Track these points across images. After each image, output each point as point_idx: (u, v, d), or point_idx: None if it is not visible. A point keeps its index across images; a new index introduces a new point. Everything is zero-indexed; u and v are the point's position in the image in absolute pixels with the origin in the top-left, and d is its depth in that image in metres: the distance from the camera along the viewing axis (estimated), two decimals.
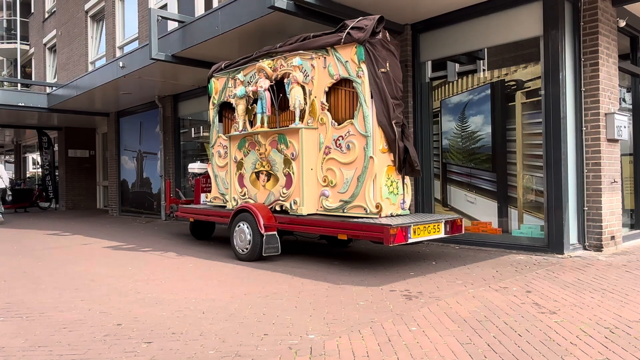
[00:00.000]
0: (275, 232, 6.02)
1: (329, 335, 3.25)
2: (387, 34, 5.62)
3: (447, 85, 7.29)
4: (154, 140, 13.20)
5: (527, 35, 6.27)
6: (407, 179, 5.79)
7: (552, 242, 5.94)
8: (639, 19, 7.00)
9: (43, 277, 5.45)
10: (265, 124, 6.32)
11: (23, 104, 13.50)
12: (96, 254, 7.07)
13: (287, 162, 6.00)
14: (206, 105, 7.80)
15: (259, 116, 6.34)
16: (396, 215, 5.58)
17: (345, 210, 5.57)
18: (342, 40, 5.52)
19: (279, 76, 6.18)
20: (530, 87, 6.36)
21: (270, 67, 6.26)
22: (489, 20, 6.58)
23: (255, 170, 6.48)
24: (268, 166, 6.29)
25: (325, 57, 5.78)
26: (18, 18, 23.34)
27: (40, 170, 19.88)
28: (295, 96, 5.86)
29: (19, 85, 21.61)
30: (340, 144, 5.65)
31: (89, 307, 4.12)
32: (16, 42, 23.28)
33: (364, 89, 5.41)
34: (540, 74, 6.15)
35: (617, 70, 6.44)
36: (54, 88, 14.08)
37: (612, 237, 6.15)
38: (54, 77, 19.13)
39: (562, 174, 5.93)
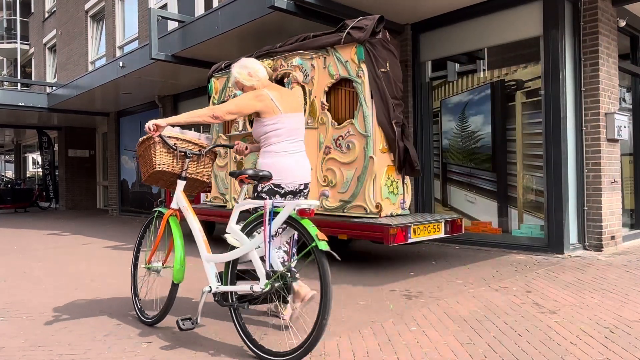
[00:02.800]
0: None
1: (329, 335, 3.25)
2: (387, 34, 5.62)
3: (447, 85, 7.29)
4: None
5: (527, 35, 6.27)
6: (407, 178, 5.79)
7: (552, 242, 5.95)
8: (639, 19, 7.01)
9: (43, 277, 5.45)
10: None
11: (23, 104, 13.50)
12: (96, 254, 7.07)
13: None
14: (206, 105, 7.80)
15: None
16: (396, 215, 5.58)
17: (345, 210, 5.57)
18: (342, 40, 5.52)
19: (279, 76, 6.18)
20: (530, 87, 6.36)
21: (270, 67, 6.26)
22: (489, 20, 6.57)
23: None
24: None
25: (325, 57, 5.78)
26: (18, 18, 23.34)
27: (40, 170, 19.88)
28: None
29: (19, 85, 21.61)
30: (340, 144, 5.65)
31: (89, 307, 4.12)
32: (16, 42, 23.28)
33: (364, 88, 5.41)
34: (540, 73, 6.15)
35: (617, 70, 6.44)
36: (54, 88, 14.08)
37: (612, 237, 6.15)
38: (54, 77, 19.13)
39: (562, 174, 5.93)
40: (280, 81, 6.18)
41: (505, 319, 3.51)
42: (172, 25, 9.88)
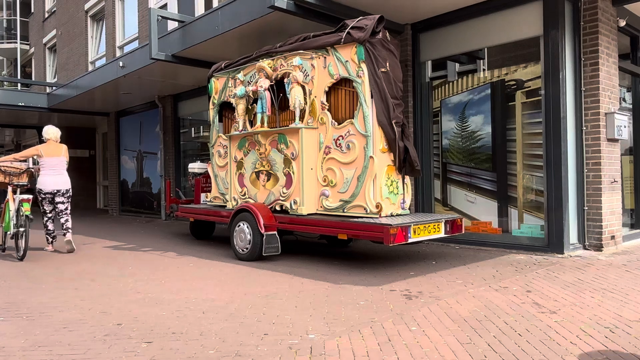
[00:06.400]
0: (276, 232, 6.02)
1: (329, 335, 3.25)
2: (387, 34, 5.62)
3: (447, 85, 7.29)
4: (154, 140, 13.20)
5: (527, 35, 6.27)
6: (407, 178, 5.79)
7: (552, 242, 5.95)
8: (639, 19, 7.00)
9: (43, 277, 5.45)
10: (265, 124, 6.32)
11: (23, 104, 13.49)
12: (96, 254, 7.07)
13: (287, 161, 6.01)
14: (206, 105, 7.80)
15: (259, 116, 6.34)
16: (396, 215, 5.58)
17: (345, 210, 5.57)
18: (342, 40, 5.51)
19: (279, 76, 6.18)
20: (530, 86, 6.36)
21: (270, 67, 6.26)
22: (489, 20, 6.57)
23: (255, 170, 6.48)
24: (268, 166, 6.29)
25: (325, 57, 5.77)
26: (18, 18, 23.32)
27: None
28: (295, 96, 5.85)
29: (19, 85, 21.60)
30: (340, 144, 5.65)
31: (89, 307, 4.12)
32: (16, 42, 23.25)
33: (364, 88, 5.41)
34: (540, 73, 6.15)
35: (617, 70, 6.43)
36: (54, 88, 14.07)
37: (612, 237, 6.15)
38: (54, 77, 19.12)
39: (562, 174, 5.93)
40: (280, 81, 6.19)
41: (505, 319, 3.51)
42: (172, 25, 9.87)
